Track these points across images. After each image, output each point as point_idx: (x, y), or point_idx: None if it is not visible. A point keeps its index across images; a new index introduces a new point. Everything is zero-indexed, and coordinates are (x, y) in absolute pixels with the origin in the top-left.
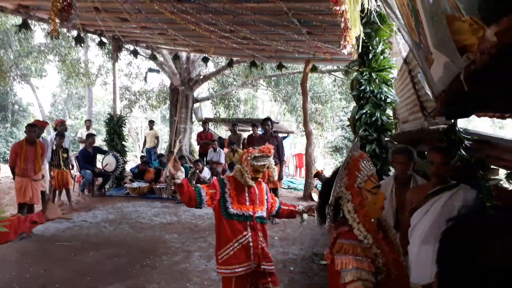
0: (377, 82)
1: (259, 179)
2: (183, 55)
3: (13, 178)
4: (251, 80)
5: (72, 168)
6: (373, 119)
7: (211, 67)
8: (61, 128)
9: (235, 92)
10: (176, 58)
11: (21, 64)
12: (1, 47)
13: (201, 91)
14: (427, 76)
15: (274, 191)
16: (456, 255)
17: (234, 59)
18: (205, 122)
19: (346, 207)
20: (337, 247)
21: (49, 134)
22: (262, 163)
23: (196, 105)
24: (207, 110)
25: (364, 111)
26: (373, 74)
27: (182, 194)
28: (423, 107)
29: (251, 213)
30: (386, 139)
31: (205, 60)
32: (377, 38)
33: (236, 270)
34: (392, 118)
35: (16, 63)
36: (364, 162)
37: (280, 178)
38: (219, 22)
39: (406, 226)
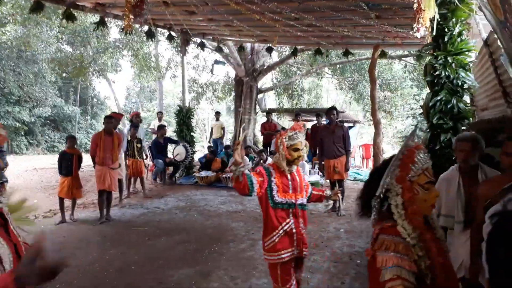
0: (453, 66)
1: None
2: (248, 46)
3: (94, 167)
4: (315, 69)
5: (146, 158)
6: (448, 106)
7: (275, 57)
8: (136, 120)
9: (299, 82)
10: (241, 49)
11: (98, 60)
12: (81, 44)
13: (265, 81)
14: None
15: (340, 182)
16: (506, 253)
17: (299, 47)
18: (268, 112)
19: (394, 201)
20: (378, 243)
21: (124, 126)
22: (298, 140)
23: (260, 95)
24: (270, 100)
25: (439, 98)
26: (449, 58)
27: (238, 182)
28: (506, 93)
29: (293, 201)
30: (463, 128)
31: (269, 50)
32: (453, 19)
33: (282, 255)
34: (469, 105)
35: (94, 59)
36: (421, 154)
37: (347, 169)
38: (284, 10)
39: (480, 222)
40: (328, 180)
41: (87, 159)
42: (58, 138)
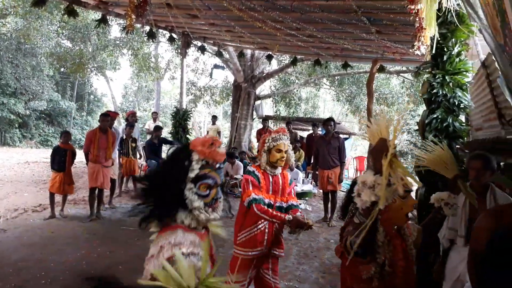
0: (451, 85)
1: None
2: (248, 52)
3: (86, 164)
4: (314, 79)
5: (140, 157)
6: (444, 124)
7: (274, 65)
8: (132, 119)
9: (297, 91)
10: (241, 55)
11: (98, 57)
12: (81, 40)
13: (263, 88)
14: (509, 81)
15: (333, 193)
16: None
17: (298, 57)
18: (265, 119)
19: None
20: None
21: (120, 125)
22: (281, 141)
23: (258, 102)
24: (268, 107)
25: (435, 115)
26: (446, 77)
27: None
28: (500, 114)
29: (271, 202)
30: (457, 146)
31: (269, 57)
32: (453, 39)
33: (249, 253)
34: (465, 124)
35: (93, 56)
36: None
37: (340, 180)
38: (286, 20)
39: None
40: (321, 190)
41: (80, 155)
42: (52, 132)
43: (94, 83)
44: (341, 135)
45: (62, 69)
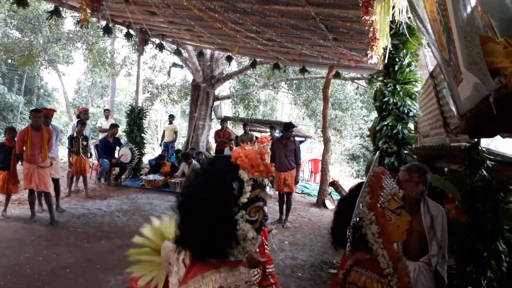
0: (401, 94)
1: None
2: (208, 52)
3: (21, 164)
4: (272, 82)
5: (91, 156)
6: (394, 131)
7: (234, 66)
8: (84, 117)
9: (256, 93)
10: (200, 55)
11: (49, 50)
12: (31, 31)
13: (222, 89)
14: (454, 93)
15: (288, 195)
16: None
17: (258, 60)
18: (223, 120)
19: (369, 230)
20: (353, 276)
21: (71, 121)
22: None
23: (216, 103)
24: (226, 108)
25: (385, 123)
26: (397, 86)
27: None
28: (446, 123)
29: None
30: (405, 152)
31: (229, 59)
32: (404, 50)
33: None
34: (413, 132)
35: (45, 49)
36: (387, 179)
37: (296, 182)
38: (245, 22)
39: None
40: (277, 192)
41: None
42: None
43: (45, 77)
44: (297, 138)
45: (9, 61)
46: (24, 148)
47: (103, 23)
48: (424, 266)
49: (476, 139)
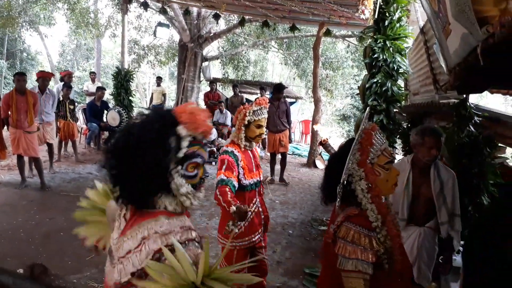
0: (391, 50)
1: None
2: (194, 10)
3: (7, 129)
4: (262, 41)
5: (77, 121)
6: (383, 89)
7: (222, 25)
8: (68, 80)
9: (245, 53)
10: (186, 13)
11: (29, 11)
12: None
13: (211, 49)
14: (443, 47)
15: (284, 155)
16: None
17: (246, 17)
18: (212, 82)
19: (359, 186)
20: (343, 231)
21: (57, 84)
22: (263, 115)
23: (205, 64)
24: (215, 70)
25: (375, 80)
26: (387, 42)
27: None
28: (435, 80)
29: (259, 179)
30: (395, 110)
31: (216, 17)
32: (394, 5)
33: (253, 239)
34: (403, 89)
35: (24, 9)
36: (377, 135)
37: (290, 141)
38: None
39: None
40: (268, 154)
41: None
42: None
43: (27, 40)
44: (288, 99)
45: None
46: (9, 113)
47: None
48: (430, 231)
49: (464, 95)
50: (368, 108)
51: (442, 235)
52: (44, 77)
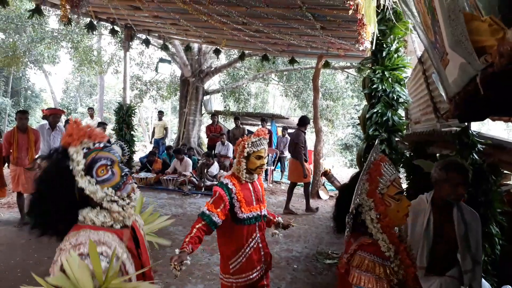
0: (390, 81)
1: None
2: (195, 46)
3: (8, 167)
4: (262, 74)
5: None
6: (384, 118)
7: (222, 60)
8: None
9: (246, 86)
10: (187, 49)
11: (34, 50)
12: (15, 32)
13: (212, 83)
14: (442, 77)
15: (306, 185)
16: None
17: (246, 52)
18: (214, 114)
19: (368, 216)
20: (357, 260)
21: (61, 122)
22: (262, 147)
23: (206, 97)
24: (217, 102)
25: (375, 110)
26: (386, 73)
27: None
28: (436, 108)
29: (259, 213)
30: (396, 139)
31: (217, 52)
32: (391, 36)
33: (251, 276)
34: (403, 118)
35: (29, 49)
36: (386, 165)
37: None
38: (231, 14)
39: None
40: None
41: None
42: None
43: (32, 78)
44: (290, 130)
45: None
46: (10, 150)
47: (87, 20)
48: (453, 282)
49: (466, 123)
50: (377, 139)
51: (465, 285)
52: (55, 114)
